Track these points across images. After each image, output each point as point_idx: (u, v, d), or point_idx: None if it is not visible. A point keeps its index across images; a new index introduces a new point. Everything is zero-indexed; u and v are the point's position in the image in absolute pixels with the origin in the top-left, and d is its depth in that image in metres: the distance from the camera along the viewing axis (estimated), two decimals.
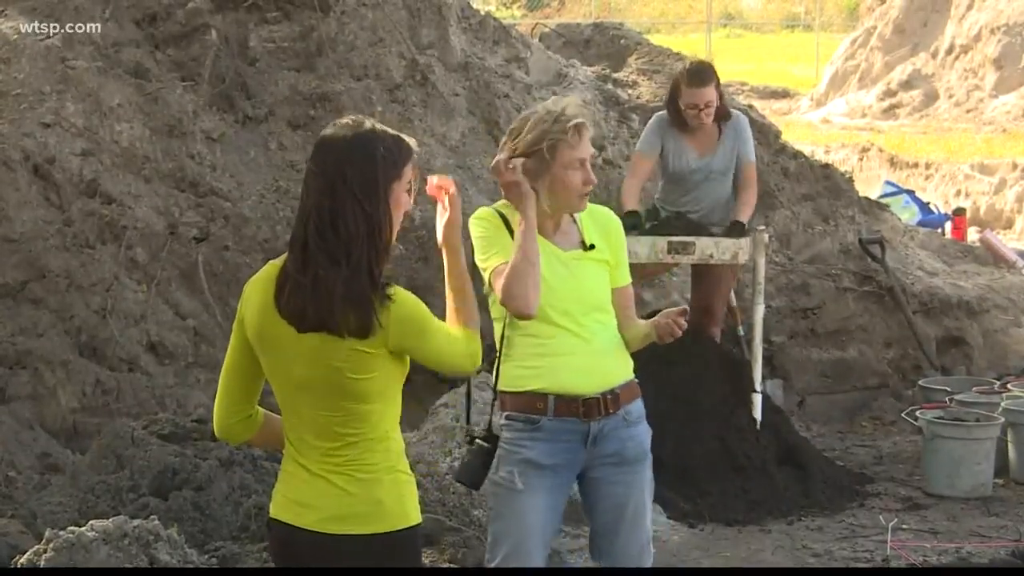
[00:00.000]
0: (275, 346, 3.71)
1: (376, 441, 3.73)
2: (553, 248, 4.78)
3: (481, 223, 4.80)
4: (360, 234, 3.64)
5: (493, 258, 4.69)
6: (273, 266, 3.75)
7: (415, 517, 3.79)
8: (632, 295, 4.95)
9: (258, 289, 3.75)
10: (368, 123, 3.76)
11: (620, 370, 4.81)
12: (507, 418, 4.76)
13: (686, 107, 7.97)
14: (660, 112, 8.33)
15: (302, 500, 3.75)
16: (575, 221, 4.84)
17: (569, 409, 4.71)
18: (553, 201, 4.74)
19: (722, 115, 8.06)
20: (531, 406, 4.73)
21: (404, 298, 3.70)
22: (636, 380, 4.87)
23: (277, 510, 3.81)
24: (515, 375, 4.76)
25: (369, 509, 3.71)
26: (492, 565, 4.78)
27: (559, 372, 4.71)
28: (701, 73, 8.04)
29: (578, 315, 4.71)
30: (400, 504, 3.75)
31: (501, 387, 4.79)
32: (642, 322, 4.90)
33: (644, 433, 4.86)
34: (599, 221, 4.88)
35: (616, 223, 4.92)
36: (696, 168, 8.13)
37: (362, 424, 3.72)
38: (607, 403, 4.74)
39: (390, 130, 3.77)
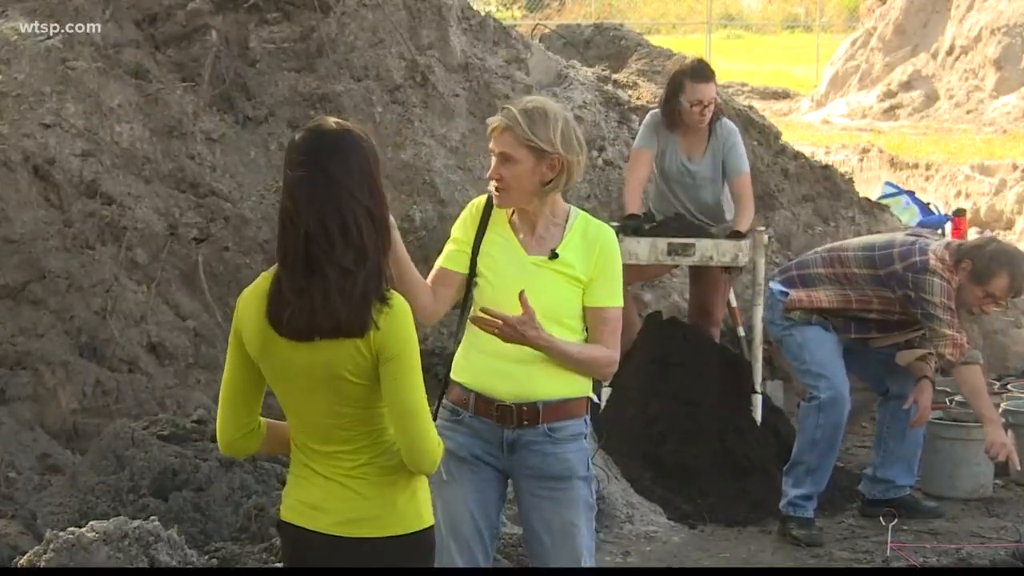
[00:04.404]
0: (277, 357, 3.66)
1: (390, 444, 3.70)
2: (517, 249, 4.70)
3: (465, 211, 4.92)
4: (371, 236, 3.59)
5: (442, 256, 4.79)
6: (265, 279, 3.68)
7: (428, 519, 3.78)
8: (611, 319, 4.63)
9: (252, 304, 3.67)
10: (331, 121, 3.69)
11: (549, 386, 4.62)
12: (442, 406, 4.76)
13: (691, 104, 7.97)
14: (653, 110, 8.34)
15: (315, 503, 3.71)
16: (565, 229, 4.68)
17: (486, 410, 4.66)
18: None
19: (715, 116, 8.09)
20: (459, 398, 4.71)
21: (402, 308, 3.64)
22: (578, 400, 4.66)
23: (288, 513, 3.78)
24: (455, 364, 4.76)
25: (383, 512, 3.69)
26: None
27: (480, 371, 4.66)
28: (705, 69, 8.09)
29: None
30: (414, 506, 3.74)
31: (451, 372, 4.81)
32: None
33: (574, 453, 4.66)
34: (588, 236, 4.66)
35: (605, 243, 4.66)
36: (685, 170, 8.14)
37: (372, 428, 3.69)
38: (522, 414, 4.62)
39: (350, 124, 3.72)
